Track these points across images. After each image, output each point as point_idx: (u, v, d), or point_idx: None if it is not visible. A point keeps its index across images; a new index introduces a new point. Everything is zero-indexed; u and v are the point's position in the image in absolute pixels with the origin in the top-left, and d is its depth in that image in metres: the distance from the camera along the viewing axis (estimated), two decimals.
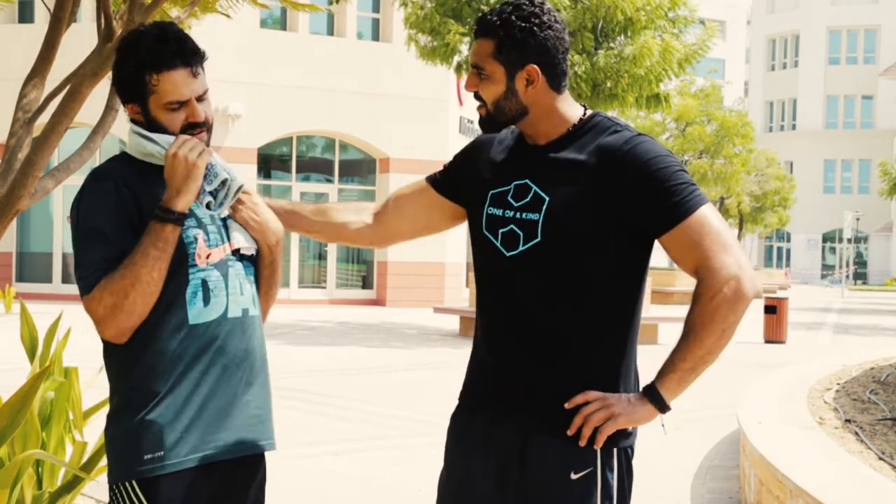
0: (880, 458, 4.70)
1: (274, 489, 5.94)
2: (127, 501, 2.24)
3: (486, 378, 2.31)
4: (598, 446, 2.15)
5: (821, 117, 58.08)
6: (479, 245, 2.32)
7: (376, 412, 8.45)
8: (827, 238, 58.00)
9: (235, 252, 2.36)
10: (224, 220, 2.37)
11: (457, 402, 2.41)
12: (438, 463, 2.47)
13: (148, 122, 2.31)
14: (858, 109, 57.91)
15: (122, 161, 2.34)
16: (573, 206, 2.17)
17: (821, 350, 14.60)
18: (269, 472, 2.57)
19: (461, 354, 13.07)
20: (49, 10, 4.01)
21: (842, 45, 57.96)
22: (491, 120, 2.28)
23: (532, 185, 2.24)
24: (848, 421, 5.63)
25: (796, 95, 58.74)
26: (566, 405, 2.16)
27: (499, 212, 2.27)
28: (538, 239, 2.19)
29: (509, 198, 2.26)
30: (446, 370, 11.31)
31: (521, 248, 2.21)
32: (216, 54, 19.04)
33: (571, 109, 2.28)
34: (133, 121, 2.36)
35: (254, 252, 2.40)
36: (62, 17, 3.87)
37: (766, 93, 60.44)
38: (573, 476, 2.17)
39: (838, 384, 7.06)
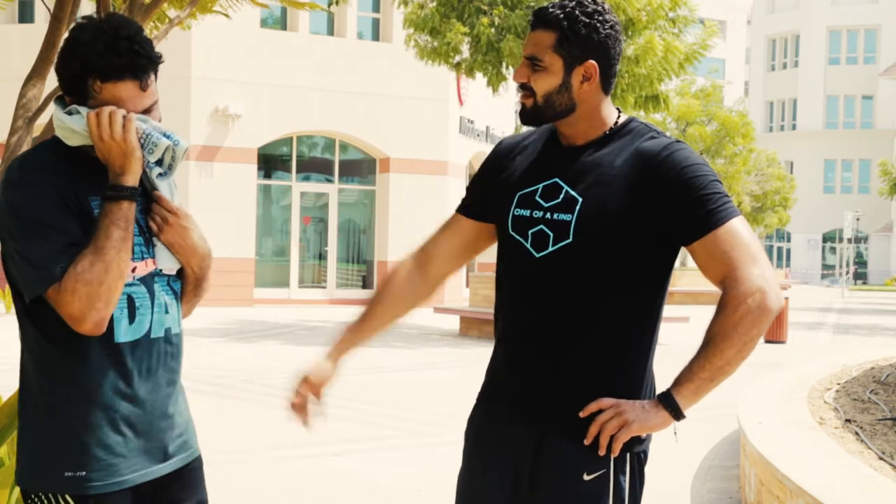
0: (880, 458, 4.69)
1: (274, 489, 5.96)
2: None
3: (503, 378, 2.31)
4: (614, 454, 2.15)
5: (821, 117, 58.08)
6: (505, 247, 2.31)
7: (376, 412, 8.45)
8: (827, 238, 58.00)
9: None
10: (151, 234, 2.25)
11: (474, 402, 2.40)
12: (439, 463, 2.48)
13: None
14: (858, 109, 57.92)
15: (49, 147, 2.19)
16: (607, 208, 2.16)
17: (821, 350, 14.60)
18: (270, 472, 2.57)
19: (461, 354, 13.07)
20: (49, 10, 4.01)
21: (842, 45, 57.97)
22: (537, 112, 2.25)
23: (563, 185, 2.22)
24: (848, 421, 5.62)
25: (796, 95, 58.74)
26: (581, 414, 2.15)
27: (526, 212, 2.25)
28: (569, 240, 2.18)
29: (537, 198, 2.25)
30: (446, 370, 11.31)
31: (550, 249, 2.20)
32: (216, 54, 19.04)
33: (610, 112, 2.28)
34: (57, 99, 2.21)
35: (175, 271, 2.30)
36: (62, 17, 3.87)
37: (766, 93, 60.44)
38: (586, 477, 2.17)
39: (838, 384, 7.06)
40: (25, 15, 22.12)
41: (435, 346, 14.12)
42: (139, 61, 2.13)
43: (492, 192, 2.36)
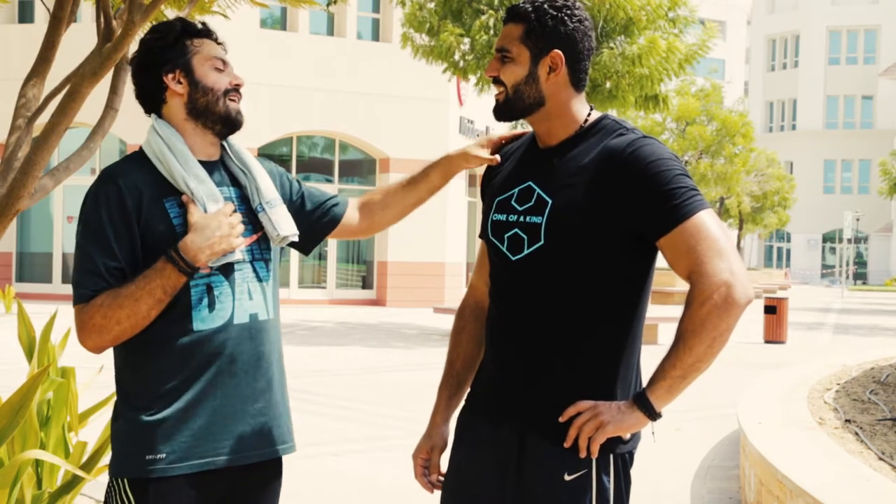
0: (880, 459, 4.69)
1: None
2: (117, 498, 2.23)
3: (488, 379, 2.32)
4: (593, 456, 2.15)
5: (821, 117, 58.07)
6: (489, 250, 2.34)
7: (376, 412, 8.45)
8: (827, 238, 57.99)
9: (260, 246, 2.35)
10: (252, 214, 2.34)
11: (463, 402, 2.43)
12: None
13: (192, 88, 2.30)
14: (858, 109, 57.90)
15: (135, 162, 2.29)
16: (576, 208, 2.16)
17: (821, 350, 14.60)
18: None
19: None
20: (49, 10, 4.00)
21: (842, 45, 57.95)
22: (509, 105, 2.27)
23: (535, 188, 2.23)
24: (848, 421, 5.62)
25: (796, 95, 58.73)
26: (560, 419, 2.15)
27: (503, 217, 2.27)
28: (542, 242, 2.19)
29: (513, 202, 2.26)
30: None
31: (525, 252, 2.21)
32: None
33: (582, 110, 2.28)
34: (157, 120, 2.31)
35: (289, 241, 2.39)
36: (62, 17, 3.87)
37: (766, 93, 60.42)
38: (567, 477, 2.16)
39: (838, 384, 7.06)
40: (25, 15, 22.11)
41: (435, 346, 14.12)
42: (208, 28, 2.39)
43: (486, 205, 2.40)
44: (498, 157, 2.40)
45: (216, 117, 2.33)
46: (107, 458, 4.32)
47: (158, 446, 2.19)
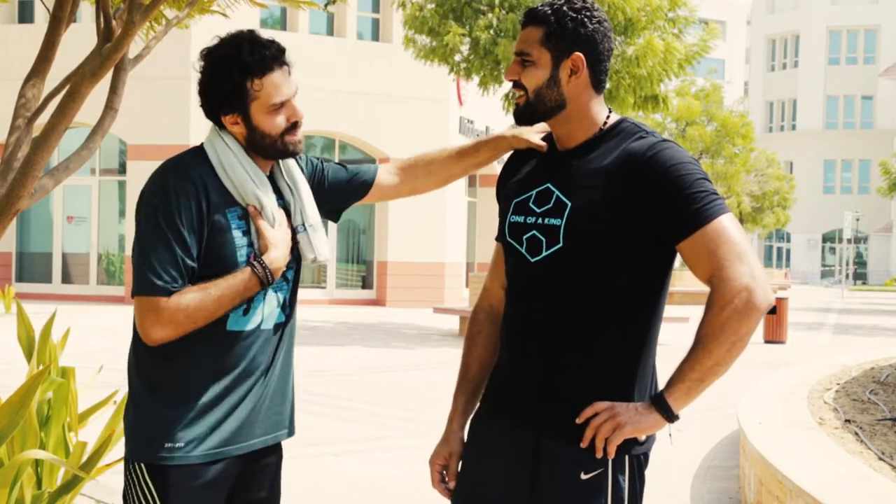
0: (880, 459, 4.70)
1: None
2: (135, 481, 2.31)
3: (503, 380, 2.32)
4: (610, 457, 2.15)
5: (821, 117, 58.07)
6: (506, 252, 2.34)
7: (376, 413, 8.45)
8: (827, 238, 57.99)
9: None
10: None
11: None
12: None
13: (249, 131, 2.33)
14: (858, 109, 57.91)
15: (202, 161, 2.33)
16: (595, 211, 2.16)
17: (821, 350, 14.59)
18: None
19: (461, 354, 13.03)
20: (49, 10, 4.00)
21: (842, 45, 57.96)
22: (530, 108, 2.27)
23: (554, 190, 2.24)
24: (848, 421, 5.62)
25: (796, 95, 58.73)
26: (577, 420, 2.16)
27: (521, 219, 2.27)
28: (560, 244, 2.19)
29: (531, 204, 2.26)
30: (446, 370, 11.30)
31: (544, 254, 2.21)
32: None
33: (601, 112, 2.28)
34: (225, 132, 2.35)
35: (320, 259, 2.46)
36: (62, 17, 3.87)
37: (766, 93, 60.42)
38: (583, 476, 2.17)
39: (838, 384, 7.06)
40: (25, 15, 22.11)
41: (435, 346, 14.12)
42: (280, 48, 2.32)
43: (502, 207, 2.40)
44: (545, 144, 2.38)
45: (272, 153, 2.37)
46: (107, 458, 4.32)
47: (178, 435, 2.27)
